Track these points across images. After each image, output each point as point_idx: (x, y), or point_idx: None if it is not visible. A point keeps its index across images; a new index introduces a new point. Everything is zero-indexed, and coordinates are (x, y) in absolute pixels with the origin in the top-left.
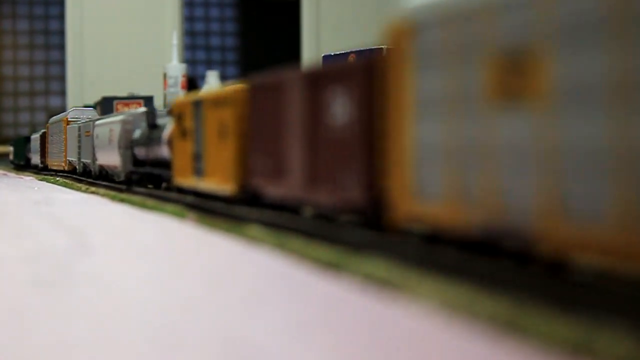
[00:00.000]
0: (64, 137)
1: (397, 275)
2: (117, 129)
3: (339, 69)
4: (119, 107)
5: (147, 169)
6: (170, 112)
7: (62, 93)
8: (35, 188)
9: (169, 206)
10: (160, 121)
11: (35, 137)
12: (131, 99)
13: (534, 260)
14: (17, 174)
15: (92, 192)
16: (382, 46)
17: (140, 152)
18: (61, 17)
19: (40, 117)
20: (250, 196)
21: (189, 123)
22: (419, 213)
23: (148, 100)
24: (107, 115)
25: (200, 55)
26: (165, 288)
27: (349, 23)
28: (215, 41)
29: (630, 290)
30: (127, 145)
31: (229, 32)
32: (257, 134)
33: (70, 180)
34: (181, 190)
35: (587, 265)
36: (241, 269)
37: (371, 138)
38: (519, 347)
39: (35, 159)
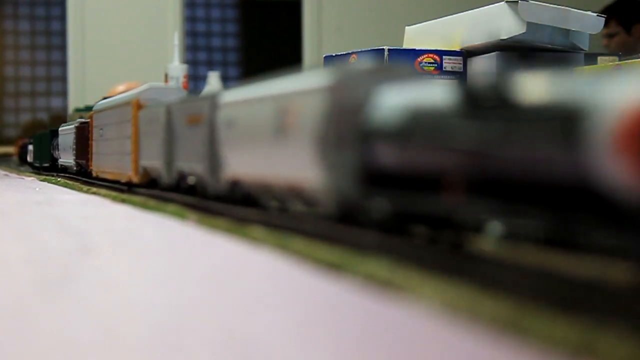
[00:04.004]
0: (132, 129)
1: (399, 276)
2: (307, 105)
3: None
4: None
5: (477, 206)
6: None
7: (64, 94)
8: (37, 189)
9: (170, 207)
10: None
11: (67, 129)
12: None
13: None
14: (18, 174)
15: (93, 193)
16: (384, 47)
17: (420, 157)
18: (62, 18)
19: (41, 117)
20: None
21: None
22: None
23: None
24: (256, 80)
25: (202, 56)
26: (167, 289)
27: (350, 24)
28: (216, 42)
29: (632, 290)
30: (348, 141)
31: (230, 33)
32: None
33: (72, 180)
34: None
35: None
36: (243, 270)
37: None
38: (521, 348)
39: (66, 160)
